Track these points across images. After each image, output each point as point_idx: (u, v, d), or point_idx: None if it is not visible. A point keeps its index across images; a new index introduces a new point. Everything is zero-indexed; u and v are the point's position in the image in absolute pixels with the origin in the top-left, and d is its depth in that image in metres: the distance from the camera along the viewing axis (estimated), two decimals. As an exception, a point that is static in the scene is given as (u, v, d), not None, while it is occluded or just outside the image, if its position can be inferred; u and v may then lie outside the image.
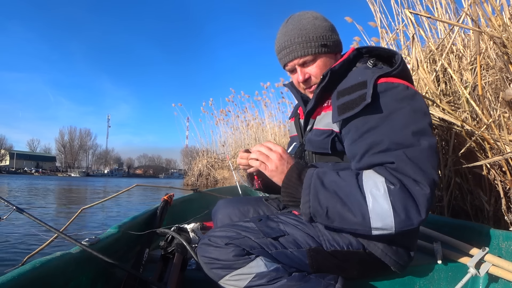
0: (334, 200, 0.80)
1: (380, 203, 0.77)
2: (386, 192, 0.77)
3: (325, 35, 1.00)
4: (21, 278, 0.65)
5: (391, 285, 1.05)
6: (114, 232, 1.12)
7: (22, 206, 4.37)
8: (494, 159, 1.48)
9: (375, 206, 0.77)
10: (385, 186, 0.78)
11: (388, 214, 0.76)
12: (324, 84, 0.97)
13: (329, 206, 0.80)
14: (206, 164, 12.74)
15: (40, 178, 34.61)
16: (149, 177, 73.35)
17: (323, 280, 0.89)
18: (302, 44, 0.99)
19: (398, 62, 0.92)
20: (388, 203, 0.77)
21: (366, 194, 0.78)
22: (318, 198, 0.81)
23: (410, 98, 0.86)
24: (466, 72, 1.88)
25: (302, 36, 0.98)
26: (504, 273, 1.02)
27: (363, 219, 0.78)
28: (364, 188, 0.79)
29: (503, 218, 1.63)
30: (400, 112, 0.84)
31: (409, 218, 0.77)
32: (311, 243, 0.91)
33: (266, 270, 0.84)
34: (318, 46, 0.99)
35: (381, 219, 0.77)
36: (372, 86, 0.85)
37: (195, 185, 12.10)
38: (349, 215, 0.79)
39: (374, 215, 0.77)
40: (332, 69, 0.97)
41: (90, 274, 0.92)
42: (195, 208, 2.23)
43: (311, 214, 0.83)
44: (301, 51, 0.99)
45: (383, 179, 0.79)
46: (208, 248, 0.87)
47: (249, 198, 1.33)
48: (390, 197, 0.77)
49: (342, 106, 0.89)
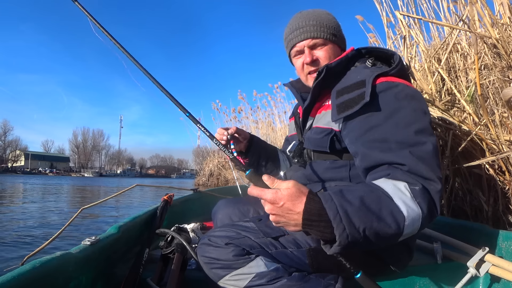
0: (369, 218, 0.69)
1: (412, 208, 0.73)
2: (412, 195, 0.74)
3: (336, 27, 1.08)
4: (21, 278, 0.65)
5: (391, 285, 1.05)
6: (114, 232, 1.12)
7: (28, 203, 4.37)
8: (488, 159, 1.48)
9: (409, 212, 0.72)
10: (409, 189, 0.75)
11: (418, 217, 0.73)
12: (319, 79, 0.99)
13: (367, 227, 0.69)
14: (217, 164, 12.73)
15: (54, 178, 35.13)
16: (161, 177, 73.88)
17: (323, 280, 0.89)
18: (316, 27, 1.04)
19: (397, 62, 0.93)
20: (416, 206, 0.74)
21: (396, 201, 0.72)
22: (353, 222, 0.68)
23: (411, 97, 0.87)
24: (471, 72, 1.88)
25: (317, 20, 1.05)
26: (504, 273, 1.02)
27: (398, 228, 0.71)
28: (391, 195, 0.73)
29: (502, 218, 1.63)
30: (402, 110, 0.84)
31: (431, 217, 0.77)
32: (311, 242, 0.91)
33: (266, 270, 0.84)
34: (330, 33, 1.05)
35: (413, 223, 0.73)
36: (371, 85, 0.86)
37: (206, 185, 12.12)
38: (385, 229, 0.71)
39: (409, 222, 0.72)
40: (328, 65, 0.99)
41: (90, 274, 0.92)
42: (195, 208, 2.23)
43: (349, 244, 0.69)
44: (315, 32, 1.04)
45: (405, 183, 0.76)
46: (208, 248, 0.87)
47: (249, 198, 1.33)
48: (417, 199, 0.74)
49: (341, 105, 0.90)
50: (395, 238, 0.74)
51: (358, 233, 0.68)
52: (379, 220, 0.70)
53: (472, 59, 1.91)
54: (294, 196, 0.68)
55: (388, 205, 0.71)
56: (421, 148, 0.79)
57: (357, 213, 0.69)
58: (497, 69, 1.58)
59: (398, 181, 0.76)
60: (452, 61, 2.07)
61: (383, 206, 0.71)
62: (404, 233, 0.73)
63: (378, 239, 0.71)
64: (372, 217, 0.69)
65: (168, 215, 1.62)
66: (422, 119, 0.84)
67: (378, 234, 0.70)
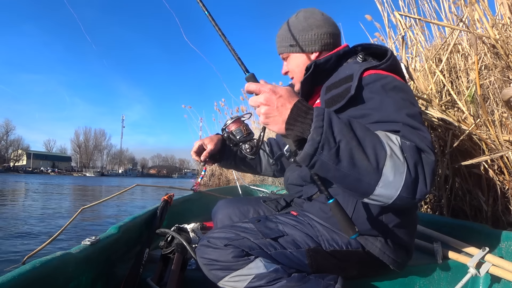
0: (350, 136, 0.67)
1: (397, 154, 0.68)
2: (401, 147, 0.70)
3: (295, 36, 1.09)
4: (21, 278, 0.65)
5: (391, 286, 1.06)
6: (114, 232, 1.12)
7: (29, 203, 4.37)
8: (484, 158, 1.48)
9: (393, 156, 0.68)
10: (399, 141, 0.71)
11: (402, 169, 0.67)
12: (307, 75, 1.01)
13: (343, 140, 0.67)
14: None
15: (55, 177, 35.33)
16: (162, 177, 73.94)
17: (323, 280, 0.89)
18: (278, 44, 1.14)
19: (387, 57, 0.93)
20: (403, 158, 0.68)
21: (383, 141, 0.69)
22: (332, 128, 0.67)
23: (399, 88, 0.86)
24: (472, 72, 1.88)
25: (279, 36, 1.13)
26: (504, 273, 1.02)
27: (377, 167, 0.66)
28: (381, 137, 0.71)
29: (501, 218, 1.63)
30: (391, 100, 0.83)
31: (416, 184, 0.68)
32: (310, 243, 0.91)
33: (266, 271, 0.84)
34: (287, 46, 1.11)
35: (394, 173, 0.67)
36: (358, 78, 0.86)
37: (208, 185, 12.13)
38: (363, 157, 0.66)
39: (389, 165, 0.67)
40: (317, 61, 1.01)
41: (90, 274, 0.92)
42: (195, 208, 2.24)
43: (320, 143, 0.66)
44: (278, 49, 1.15)
45: (397, 136, 0.72)
46: (207, 249, 0.87)
47: (249, 199, 1.33)
48: (405, 153, 0.69)
49: (329, 100, 0.91)
50: (371, 180, 0.67)
51: (333, 141, 0.67)
52: (359, 144, 0.67)
53: (472, 59, 1.91)
54: (291, 93, 0.73)
55: (373, 139, 0.69)
56: (413, 127, 0.77)
57: (340, 125, 0.68)
58: (497, 69, 1.58)
59: (391, 133, 0.74)
60: (453, 62, 2.07)
61: (368, 136, 0.69)
62: (382, 180, 0.67)
63: (352, 165, 0.67)
64: (353, 136, 0.68)
65: (168, 215, 1.62)
66: (412, 108, 0.83)
67: (353, 158, 0.67)
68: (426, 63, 2.00)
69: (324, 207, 0.95)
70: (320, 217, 0.96)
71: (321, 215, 0.96)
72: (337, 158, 0.67)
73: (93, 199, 8.03)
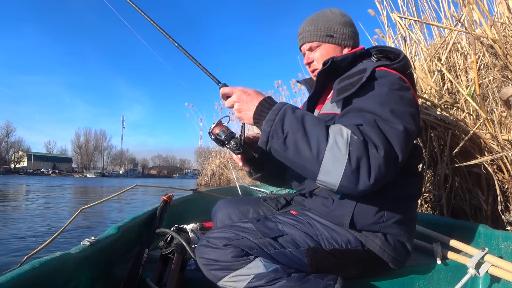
0: (297, 128, 0.81)
1: (339, 147, 0.77)
2: (348, 141, 0.78)
3: (333, 27, 1.12)
4: (20, 278, 0.65)
5: (391, 285, 1.05)
6: (113, 232, 1.13)
7: (29, 204, 4.36)
8: (485, 158, 1.48)
9: (333, 148, 0.77)
10: (349, 135, 0.78)
11: (341, 161, 0.76)
12: (324, 69, 1.04)
13: (290, 132, 0.81)
14: (219, 164, 12.72)
15: (56, 179, 35.37)
16: (163, 177, 73.92)
17: (322, 280, 0.88)
18: (311, 32, 1.14)
19: (400, 58, 0.97)
20: (345, 151, 0.77)
21: (330, 135, 0.79)
22: (283, 121, 0.82)
23: (402, 88, 0.90)
24: (471, 71, 1.88)
25: (312, 25, 1.14)
26: (503, 274, 1.02)
27: (317, 157, 0.78)
28: (330, 130, 0.80)
29: (500, 218, 1.63)
30: (387, 93, 0.87)
31: (357, 176, 0.76)
32: (309, 242, 0.91)
33: (265, 271, 0.84)
34: (323, 35, 1.13)
35: (333, 163, 0.77)
36: (371, 71, 0.90)
37: (208, 185, 12.12)
38: (305, 147, 0.79)
39: (328, 157, 0.77)
40: (334, 58, 1.04)
41: (90, 274, 0.92)
42: (195, 209, 2.24)
43: (270, 133, 0.82)
44: (309, 37, 1.15)
45: (349, 130, 0.80)
46: (206, 249, 0.87)
47: (249, 198, 1.33)
48: (350, 146, 0.77)
49: (341, 88, 0.94)
50: (312, 168, 0.79)
51: (281, 132, 0.82)
52: (304, 136, 0.80)
53: (472, 58, 1.91)
54: (259, 93, 0.92)
55: (320, 132, 0.80)
56: (389, 126, 0.82)
57: (291, 119, 0.82)
58: (496, 68, 1.58)
59: (345, 127, 0.81)
60: (452, 61, 2.07)
61: (316, 130, 0.80)
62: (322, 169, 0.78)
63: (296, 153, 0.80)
64: (300, 129, 0.81)
65: (167, 215, 1.62)
66: (404, 106, 0.87)
67: (298, 148, 0.80)
68: (426, 62, 2.00)
69: (326, 202, 0.96)
70: (322, 212, 0.96)
71: (323, 209, 0.96)
72: (284, 146, 0.82)
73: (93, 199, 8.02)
